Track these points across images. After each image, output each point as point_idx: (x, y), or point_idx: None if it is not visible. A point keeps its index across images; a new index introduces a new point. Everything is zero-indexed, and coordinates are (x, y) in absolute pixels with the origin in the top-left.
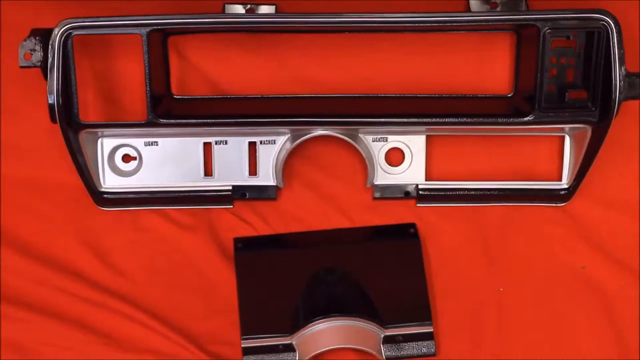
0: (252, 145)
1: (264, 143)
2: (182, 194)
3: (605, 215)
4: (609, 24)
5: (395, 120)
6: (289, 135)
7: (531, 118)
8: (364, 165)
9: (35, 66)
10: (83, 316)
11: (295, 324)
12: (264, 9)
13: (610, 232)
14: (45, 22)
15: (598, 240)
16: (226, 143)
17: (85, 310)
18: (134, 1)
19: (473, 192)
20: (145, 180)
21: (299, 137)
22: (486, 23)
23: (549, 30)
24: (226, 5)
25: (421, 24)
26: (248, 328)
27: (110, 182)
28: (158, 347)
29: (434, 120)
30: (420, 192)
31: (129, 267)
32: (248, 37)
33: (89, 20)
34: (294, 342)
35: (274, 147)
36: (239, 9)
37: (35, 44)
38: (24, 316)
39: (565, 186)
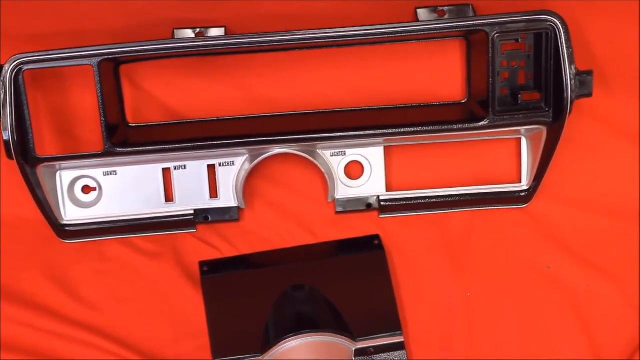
0: (211, 168)
1: (223, 165)
2: (145, 221)
3: (567, 214)
4: (555, 25)
5: (351, 133)
6: (247, 155)
7: (486, 122)
8: (325, 180)
9: None
10: (54, 350)
11: (266, 343)
12: (214, 32)
13: (573, 231)
14: None
15: (561, 239)
16: (185, 167)
17: (56, 344)
18: (84, 32)
19: (434, 200)
20: (107, 210)
21: (257, 156)
22: (435, 31)
23: (497, 34)
24: (175, 31)
25: (371, 37)
26: (219, 350)
27: (71, 214)
28: None
29: (390, 131)
30: (381, 203)
31: (96, 297)
32: (200, 61)
33: (39, 54)
34: None
35: (233, 168)
36: (189, 33)
37: None
38: None
39: (525, 187)
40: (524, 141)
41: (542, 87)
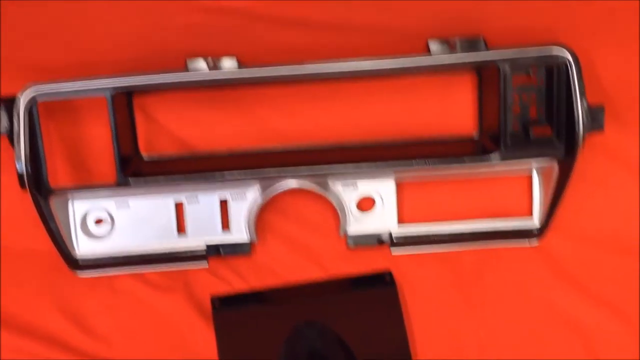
0: (224, 202)
1: (235, 198)
2: (156, 255)
3: (578, 251)
4: (567, 59)
5: (363, 167)
6: (259, 189)
7: (497, 157)
8: (336, 214)
9: (1, 134)
10: None
11: None
12: (226, 62)
13: (584, 267)
14: (9, 89)
15: (573, 276)
16: (197, 201)
17: None
18: (97, 63)
19: (446, 236)
20: (119, 242)
21: (269, 190)
22: (446, 65)
23: (509, 69)
24: (188, 61)
25: (383, 70)
26: None
27: (83, 246)
28: None
29: (401, 165)
30: (393, 238)
31: (107, 331)
32: (212, 93)
33: (53, 85)
34: None
35: (245, 202)
36: (201, 62)
37: None
38: None
39: (537, 224)
40: (535, 176)
41: (553, 121)
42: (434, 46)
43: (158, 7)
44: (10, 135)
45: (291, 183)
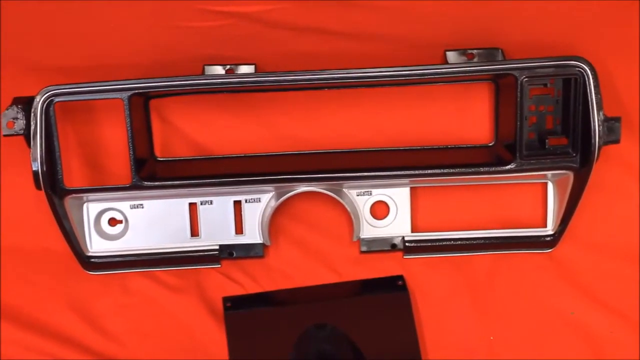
0: (238, 204)
1: (249, 201)
2: (169, 255)
3: (592, 260)
4: (584, 70)
5: (378, 174)
6: (273, 192)
7: (513, 166)
8: (350, 219)
9: (18, 134)
10: None
11: None
12: (243, 69)
13: (597, 277)
14: (27, 90)
15: (586, 285)
16: (211, 203)
17: None
18: (115, 66)
19: (459, 242)
20: (132, 243)
21: (283, 194)
22: (464, 74)
23: (526, 79)
24: (206, 67)
25: (400, 78)
26: None
27: (97, 246)
28: None
29: (416, 172)
30: (406, 244)
31: (118, 330)
32: (229, 97)
33: (70, 86)
34: None
35: (259, 205)
36: (219, 69)
37: (17, 112)
38: None
39: (551, 232)
40: (550, 186)
41: (569, 132)
42: (451, 56)
43: (177, 11)
44: (27, 136)
45: (306, 187)
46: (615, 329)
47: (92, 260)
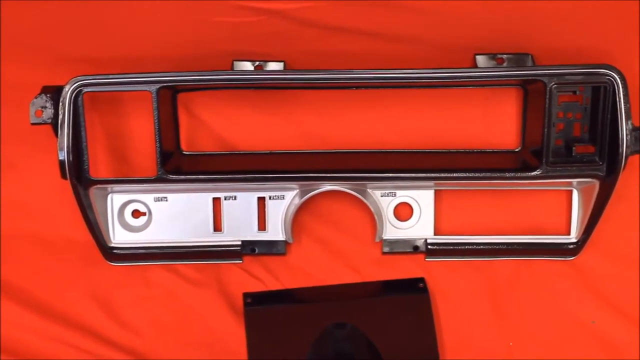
0: (261, 201)
1: (273, 198)
2: (192, 249)
3: (614, 269)
4: (614, 79)
5: (403, 175)
6: (297, 190)
7: (539, 172)
8: (373, 219)
9: (46, 123)
10: None
11: None
12: (272, 66)
13: (619, 286)
14: (56, 80)
15: (607, 294)
16: (235, 198)
17: None
18: (143, 58)
19: (481, 247)
20: (155, 235)
21: (307, 192)
22: (493, 78)
23: (555, 85)
24: (235, 62)
25: (429, 80)
26: None
27: (119, 237)
28: None
29: (442, 175)
30: (429, 246)
31: (138, 322)
32: (256, 94)
33: (99, 77)
34: None
35: (283, 202)
36: (248, 65)
37: (46, 101)
38: None
39: (574, 240)
40: (575, 193)
41: (597, 140)
42: (481, 60)
43: (208, 6)
44: (55, 125)
45: (331, 186)
46: (635, 339)
47: (115, 251)
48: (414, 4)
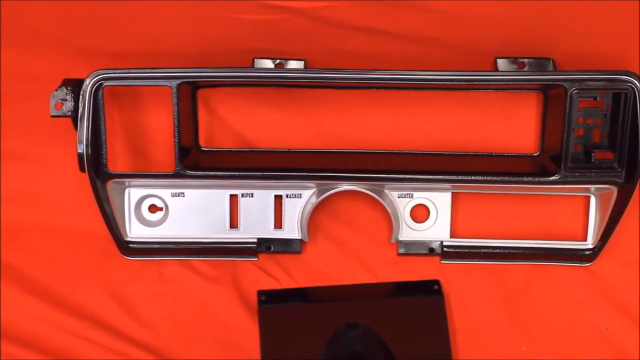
0: (278, 199)
1: (290, 197)
2: (207, 245)
3: (630, 277)
4: (635, 86)
5: (421, 177)
6: (315, 189)
7: (557, 178)
8: (389, 220)
9: (65, 116)
10: None
11: None
12: (293, 64)
13: (634, 294)
14: (76, 73)
15: (622, 301)
16: (252, 196)
17: (107, 358)
18: (164, 53)
19: (497, 251)
20: (171, 230)
21: (325, 191)
22: (514, 82)
23: (576, 91)
24: (255, 60)
25: (449, 82)
26: None
27: (136, 231)
28: None
29: (460, 178)
30: (444, 249)
31: (152, 317)
32: (275, 92)
33: (120, 71)
34: None
35: (300, 201)
36: (268, 63)
37: (66, 93)
38: None
39: (590, 246)
40: (593, 200)
41: (616, 147)
42: (502, 64)
43: (230, 2)
44: (75, 118)
45: (348, 186)
46: None
47: (131, 245)
48: (436, 5)
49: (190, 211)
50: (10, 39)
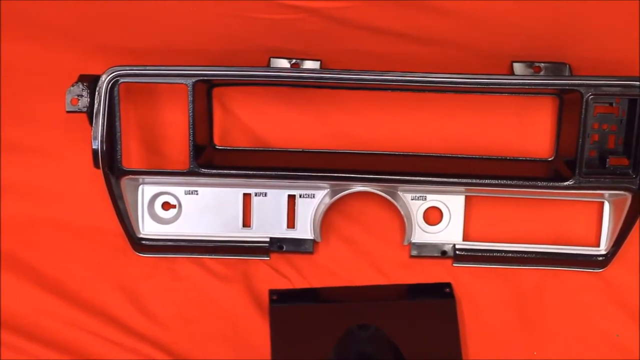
0: (292, 199)
1: (304, 197)
2: (219, 243)
3: None
4: None
5: (435, 179)
6: (328, 190)
7: (571, 183)
8: (402, 222)
9: (81, 111)
10: None
11: None
12: (309, 64)
13: None
14: (92, 69)
15: (634, 308)
16: (265, 195)
17: (117, 354)
18: (180, 51)
19: (510, 255)
20: (184, 228)
21: (338, 192)
22: (530, 87)
23: (591, 96)
24: (272, 59)
25: (465, 85)
26: None
27: (149, 228)
28: None
29: (473, 181)
30: (457, 252)
31: (163, 314)
32: (291, 91)
33: (136, 68)
34: None
35: (313, 201)
36: (284, 63)
37: (82, 89)
38: (57, 358)
39: (603, 252)
40: (606, 205)
41: (631, 153)
42: (518, 68)
43: (247, 2)
44: (90, 114)
45: (362, 187)
46: None
47: (143, 242)
48: (453, 7)
49: (203, 209)
50: (29, 33)
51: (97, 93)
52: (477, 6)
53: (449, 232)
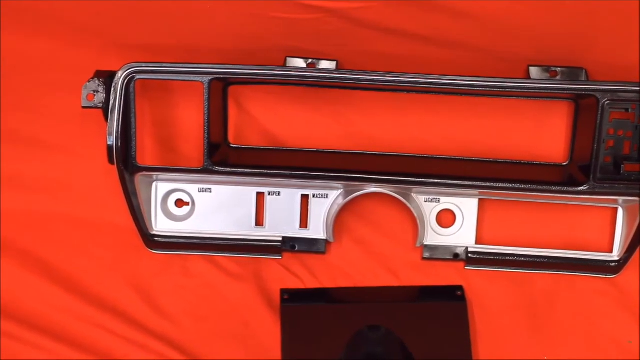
0: (305, 198)
1: (317, 197)
2: (232, 242)
3: None
4: None
5: (448, 182)
6: (342, 190)
7: (585, 188)
8: (415, 224)
9: (97, 107)
10: (126, 356)
11: None
12: (325, 64)
13: None
14: (109, 65)
15: None
16: (279, 194)
17: (128, 350)
18: (197, 49)
19: (522, 259)
20: (197, 226)
21: (351, 192)
22: (546, 91)
23: (607, 102)
24: (288, 59)
25: (480, 88)
26: None
27: (162, 225)
28: None
29: (487, 184)
30: (469, 255)
31: (174, 311)
32: (306, 91)
33: (153, 65)
34: None
35: (327, 201)
36: (300, 62)
37: (98, 85)
38: (68, 352)
39: (616, 258)
40: (620, 211)
41: None
42: (534, 72)
43: (264, 2)
44: (105, 110)
45: (375, 188)
46: None
47: (156, 239)
48: (470, 10)
49: (217, 207)
50: (45, 29)
51: (112, 89)
52: (494, 9)
53: (462, 235)
